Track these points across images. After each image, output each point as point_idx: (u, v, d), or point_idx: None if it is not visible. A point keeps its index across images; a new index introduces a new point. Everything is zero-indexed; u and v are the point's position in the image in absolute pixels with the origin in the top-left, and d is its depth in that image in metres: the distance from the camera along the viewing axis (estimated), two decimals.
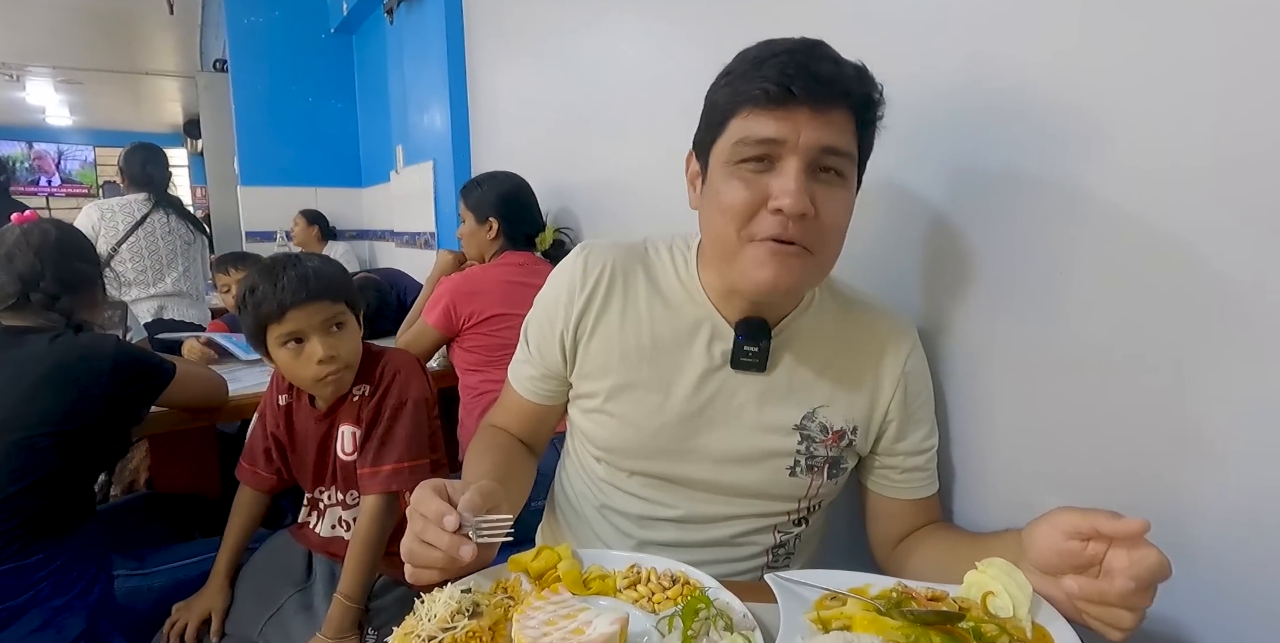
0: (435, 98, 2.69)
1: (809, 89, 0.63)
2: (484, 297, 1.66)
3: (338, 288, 1.14)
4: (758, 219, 0.67)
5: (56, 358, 1.14)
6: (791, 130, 0.64)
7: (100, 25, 5.10)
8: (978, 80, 0.81)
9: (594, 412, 0.84)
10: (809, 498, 0.83)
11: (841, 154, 0.66)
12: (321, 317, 1.11)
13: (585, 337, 0.83)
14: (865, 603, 0.58)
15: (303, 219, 3.62)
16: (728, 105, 0.68)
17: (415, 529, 0.60)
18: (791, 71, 0.63)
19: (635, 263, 0.83)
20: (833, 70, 0.64)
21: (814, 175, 0.67)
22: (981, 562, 0.60)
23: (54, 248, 1.25)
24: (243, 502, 1.30)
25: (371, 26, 3.64)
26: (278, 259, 1.14)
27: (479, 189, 1.82)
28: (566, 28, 1.89)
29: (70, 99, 7.97)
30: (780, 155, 0.66)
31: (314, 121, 3.99)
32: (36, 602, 1.10)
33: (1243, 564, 0.61)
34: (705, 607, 0.57)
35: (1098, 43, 0.69)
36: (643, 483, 0.84)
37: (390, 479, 1.14)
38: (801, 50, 0.65)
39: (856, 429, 0.80)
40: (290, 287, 1.08)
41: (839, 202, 0.68)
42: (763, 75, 0.64)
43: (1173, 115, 0.63)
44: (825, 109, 0.64)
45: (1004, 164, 0.79)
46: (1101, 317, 0.70)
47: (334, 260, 1.22)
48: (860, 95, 0.66)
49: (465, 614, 0.58)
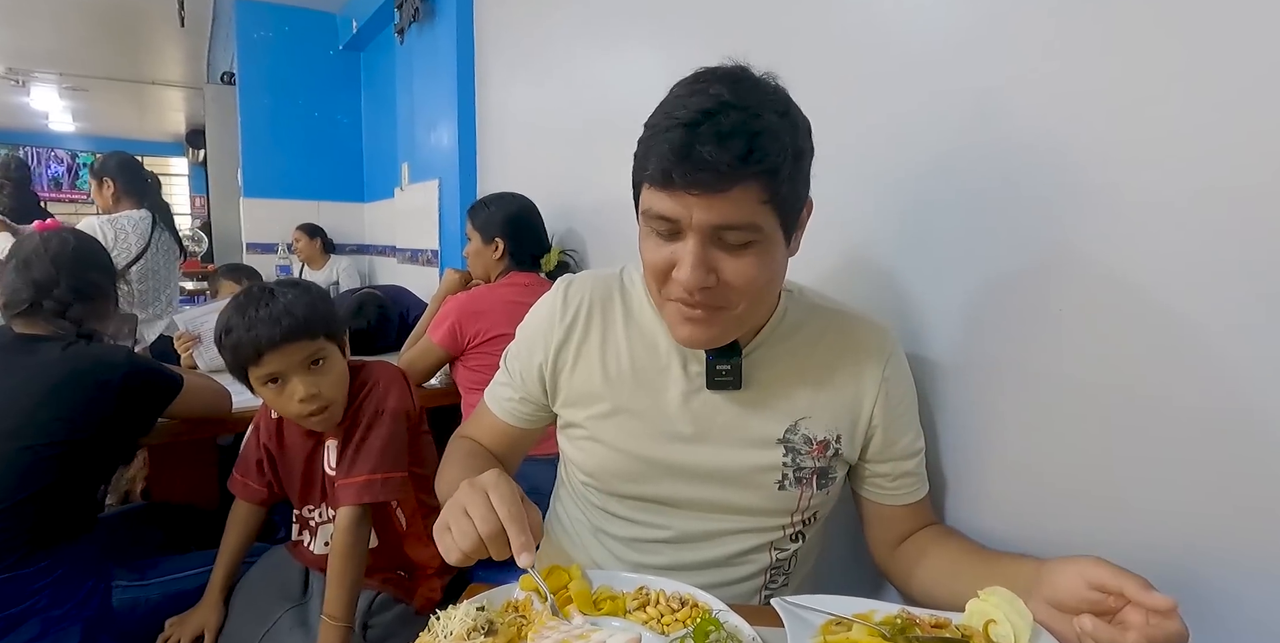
0: (443, 117, 2.73)
1: (688, 178, 0.61)
2: (489, 316, 1.68)
3: (315, 323, 1.11)
4: (671, 281, 0.69)
5: (70, 367, 1.15)
6: (683, 211, 0.64)
7: (110, 34, 5.14)
8: (984, 116, 0.85)
9: (581, 440, 0.86)
10: (801, 510, 0.83)
11: (740, 228, 0.64)
12: (300, 356, 1.09)
13: (566, 367, 0.85)
14: (870, 629, 0.60)
15: (304, 234, 3.62)
16: (634, 173, 0.69)
17: (484, 530, 0.60)
18: (671, 158, 0.61)
19: (612, 292, 0.86)
20: (713, 154, 0.59)
21: (719, 244, 0.66)
22: (984, 590, 0.62)
23: (71, 257, 1.27)
24: (237, 518, 1.29)
25: (381, 45, 3.70)
26: (251, 296, 1.11)
27: (486, 209, 1.84)
28: (576, 51, 1.94)
29: (74, 106, 8.00)
30: (681, 229, 0.66)
31: (319, 136, 4.04)
32: (35, 612, 1.09)
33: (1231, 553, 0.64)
34: (715, 629, 0.59)
35: (1075, 71, 0.74)
36: (633, 507, 0.85)
37: (362, 491, 1.11)
38: (689, 126, 0.61)
39: (841, 438, 0.81)
40: (265, 328, 1.06)
41: (748, 267, 0.67)
42: (655, 152, 0.63)
43: (1149, 141, 0.68)
44: (712, 193, 0.62)
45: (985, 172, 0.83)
46: (1086, 332, 0.75)
47: (313, 287, 1.19)
48: (754, 173, 0.61)
49: (481, 632, 0.59)
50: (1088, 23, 0.73)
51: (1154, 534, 0.70)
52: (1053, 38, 0.77)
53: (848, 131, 1.02)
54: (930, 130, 0.92)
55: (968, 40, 0.86)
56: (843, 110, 1.02)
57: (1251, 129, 0.61)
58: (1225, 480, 0.64)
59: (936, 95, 0.91)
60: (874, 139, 1.00)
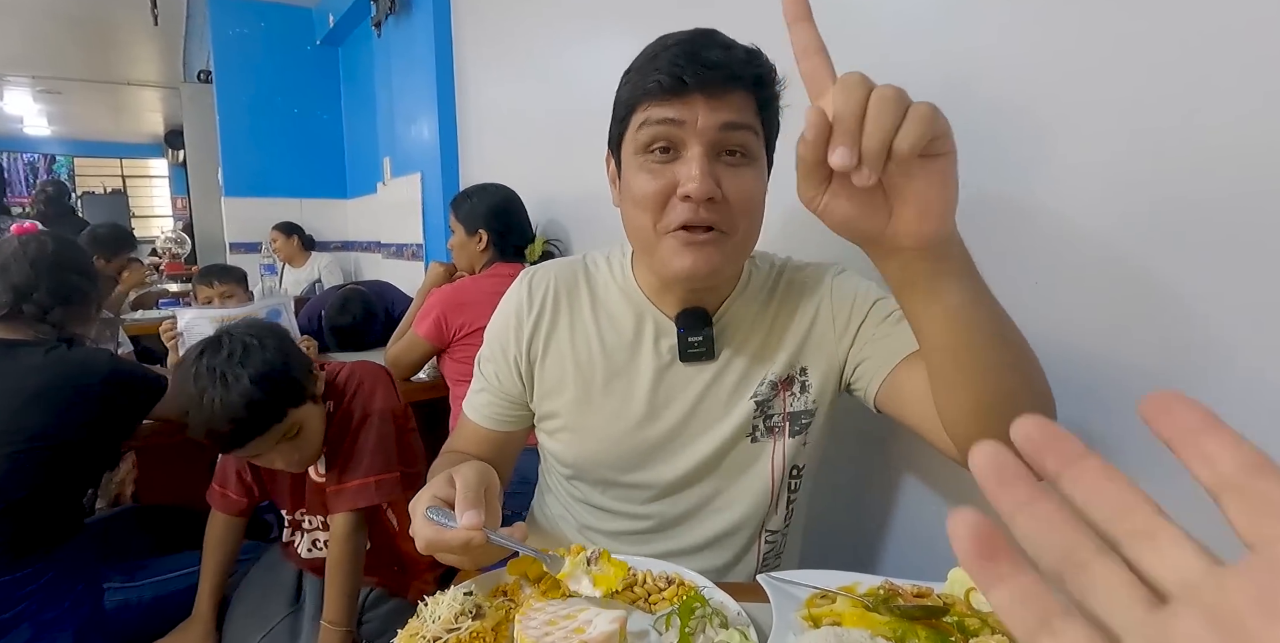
0: (423, 110, 2.71)
1: (699, 76, 0.65)
2: (474, 308, 1.68)
3: (277, 405, 1.02)
4: (669, 209, 0.69)
5: (51, 371, 1.15)
6: (690, 115, 0.66)
7: (82, 35, 5.06)
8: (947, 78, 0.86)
9: (559, 431, 0.85)
10: (777, 467, 0.81)
11: (742, 127, 0.68)
12: (271, 443, 1.04)
13: (539, 358, 0.84)
14: (854, 600, 0.61)
15: (280, 234, 3.52)
16: (629, 100, 0.71)
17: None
18: (682, 62, 0.65)
19: (577, 277, 0.85)
20: (721, 56, 0.66)
21: (718, 159, 0.68)
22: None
23: (50, 260, 1.25)
24: (214, 537, 1.23)
25: (358, 39, 3.66)
26: (201, 383, 0.99)
27: (469, 201, 1.84)
28: (555, 41, 1.93)
29: (49, 108, 7.89)
30: (683, 142, 0.67)
31: (299, 133, 4.00)
32: (26, 616, 1.09)
33: None
34: (701, 605, 0.59)
35: (1054, 46, 0.74)
36: (616, 496, 0.85)
37: (356, 496, 1.11)
38: (692, 40, 0.67)
39: (807, 370, 0.80)
40: (224, 430, 0.99)
41: (747, 181, 0.69)
42: (657, 68, 0.67)
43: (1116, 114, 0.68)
44: (719, 93, 0.66)
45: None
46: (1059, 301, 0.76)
47: (268, 347, 1.04)
48: (752, 76, 0.68)
49: (469, 616, 0.59)
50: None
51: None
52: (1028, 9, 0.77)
53: None
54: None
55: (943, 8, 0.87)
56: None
57: (1229, 92, 0.62)
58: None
59: (904, 65, 0.91)
60: None
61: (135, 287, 3.05)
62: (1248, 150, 0.61)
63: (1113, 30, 0.70)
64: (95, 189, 9.78)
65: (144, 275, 3.08)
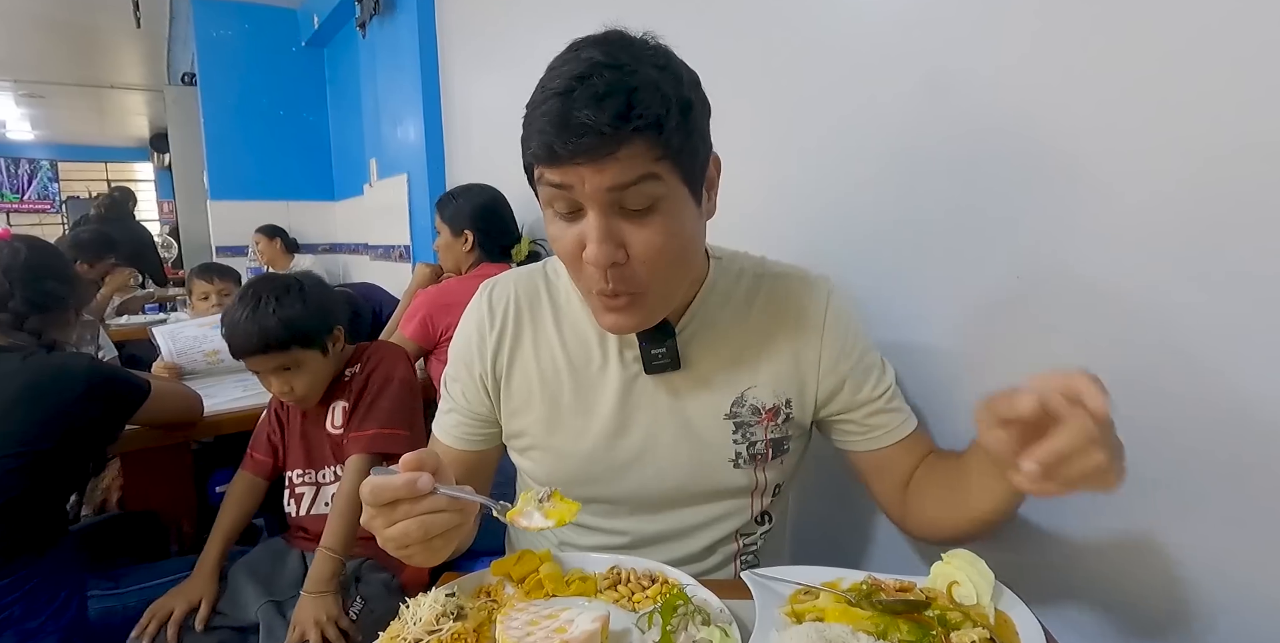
0: (409, 111, 2.70)
1: (570, 146, 0.58)
2: (460, 309, 1.61)
3: (283, 338, 1.21)
4: (584, 268, 0.65)
5: (29, 377, 1.13)
6: (575, 179, 0.60)
7: (64, 38, 5.01)
8: (966, 105, 0.84)
9: (530, 449, 0.83)
10: (760, 488, 0.81)
11: (637, 182, 0.60)
12: (270, 365, 1.23)
13: (504, 374, 0.81)
14: (836, 596, 0.61)
15: (263, 237, 3.49)
16: (523, 154, 0.65)
17: (376, 524, 0.56)
18: (550, 130, 0.58)
19: (538, 288, 0.83)
20: (593, 117, 0.57)
21: (620, 214, 0.62)
22: (947, 553, 0.63)
23: (23, 267, 1.23)
24: (236, 493, 1.34)
25: (343, 40, 3.64)
26: (245, 298, 1.23)
27: (454, 202, 1.83)
28: (538, 41, 1.92)
29: (32, 112, 7.82)
30: (578, 203, 0.62)
31: (285, 135, 3.98)
32: (9, 623, 1.08)
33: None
34: (684, 603, 0.59)
35: (1051, 56, 0.73)
36: (593, 511, 0.83)
37: (373, 441, 1.23)
38: (563, 97, 0.58)
39: (791, 402, 0.79)
40: (241, 338, 1.21)
41: (655, 235, 0.63)
42: (535, 127, 0.61)
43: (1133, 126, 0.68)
44: (598, 157, 0.58)
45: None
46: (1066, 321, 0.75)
47: (309, 294, 1.27)
48: (639, 129, 0.58)
49: (450, 617, 0.59)
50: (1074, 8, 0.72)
51: (1135, 520, 0.70)
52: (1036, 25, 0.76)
53: (819, 123, 0.99)
54: (899, 118, 0.89)
55: (941, 20, 0.86)
56: (823, 93, 0.98)
57: (1238, 118, 0.60)
58: (1200, 461, 0.64)
59: (898, 82, 0.90)
60: (857, 121, 0.96)
61: (119, 291, 3.03)
62: (1244, 151, 0.60)
63: (1100, 37, 0.69)
64: (80, 194, 9.70)
65: (127, 280, 3.06)
